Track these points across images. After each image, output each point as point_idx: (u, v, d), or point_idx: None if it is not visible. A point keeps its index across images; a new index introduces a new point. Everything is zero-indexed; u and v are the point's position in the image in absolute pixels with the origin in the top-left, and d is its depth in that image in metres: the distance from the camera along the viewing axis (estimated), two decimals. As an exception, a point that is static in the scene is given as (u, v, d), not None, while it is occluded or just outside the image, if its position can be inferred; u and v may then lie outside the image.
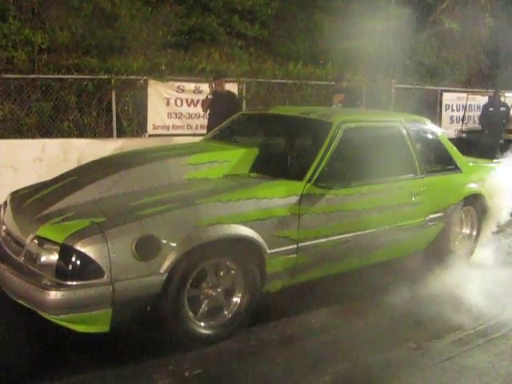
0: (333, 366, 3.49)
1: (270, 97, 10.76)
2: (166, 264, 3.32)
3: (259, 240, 3.71)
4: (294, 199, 3.94)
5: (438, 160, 5.38)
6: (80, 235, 3.18)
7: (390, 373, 3.44)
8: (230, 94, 8.41)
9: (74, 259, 3.13)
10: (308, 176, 4.10)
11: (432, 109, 13.29)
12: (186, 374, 3.37)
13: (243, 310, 3.79)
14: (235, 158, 4.38)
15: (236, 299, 3.79)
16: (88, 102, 9.38)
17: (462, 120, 13.10)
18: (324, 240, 4.14)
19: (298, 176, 4.11)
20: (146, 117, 9.72)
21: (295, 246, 3.95)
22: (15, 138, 8.60)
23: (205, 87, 9.08)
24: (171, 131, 9.85)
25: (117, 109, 9.45)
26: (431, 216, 5.06)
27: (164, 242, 3.32)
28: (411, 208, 4.83)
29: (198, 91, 9.85)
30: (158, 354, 3.50)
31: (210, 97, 8.17)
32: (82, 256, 3.12)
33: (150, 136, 9.66)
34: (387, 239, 4.67)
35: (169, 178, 4.04)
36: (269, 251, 3.79)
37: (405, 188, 4.79)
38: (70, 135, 9.08)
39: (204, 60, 10.67)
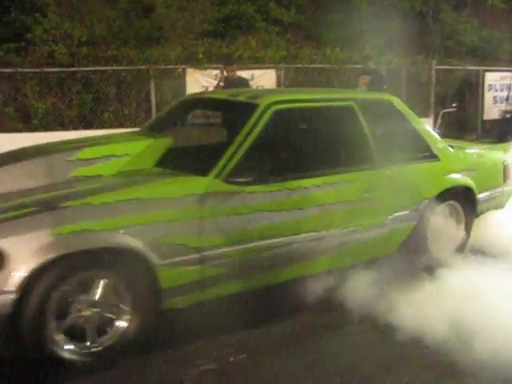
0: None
1: (308, 82, 10.68)
2: (16, 280, 2.76)
3: (145, 250, 3.09)
4: (193, 199, 3.29)
5: (409, 147, 4.46)
6: None
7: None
8: (241, 79, 8.43)
9: None
10: (216, 170, 3.43)
11: (474, 89, 12.99)
12: (231, 359, 3.18)
13: (132, 332, 3.14)
14: (137, 150, 3.75)
15: (121, 321, 3.14)
16: (127, 92, 9.55)
17: (506, 100, 12.77)
18: (240, 247, 3.46)
19: (203, 170, 3.45)
20: (185, 106, 9.77)
21: (197, 255, 3.30)
22: (58, 130, 8.77)
23: (243, 74, 9.09)
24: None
25: (156, 98, 9.55)
26: (396, 214, 4.24)
27: (11, 254, 2.76)
28: (364, 206, 4.05)
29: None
30: (202, 336, 3.36)
31: (221, 84, 8.17)
32: None
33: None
34: (332, 244, 3.92)
35: (51, 177, 3.45)
36: (161, 262, 3.16)
37: (355, 182, 4.01)
38: (110, 126, 9.20)
39: (241, 47, 10.67)
